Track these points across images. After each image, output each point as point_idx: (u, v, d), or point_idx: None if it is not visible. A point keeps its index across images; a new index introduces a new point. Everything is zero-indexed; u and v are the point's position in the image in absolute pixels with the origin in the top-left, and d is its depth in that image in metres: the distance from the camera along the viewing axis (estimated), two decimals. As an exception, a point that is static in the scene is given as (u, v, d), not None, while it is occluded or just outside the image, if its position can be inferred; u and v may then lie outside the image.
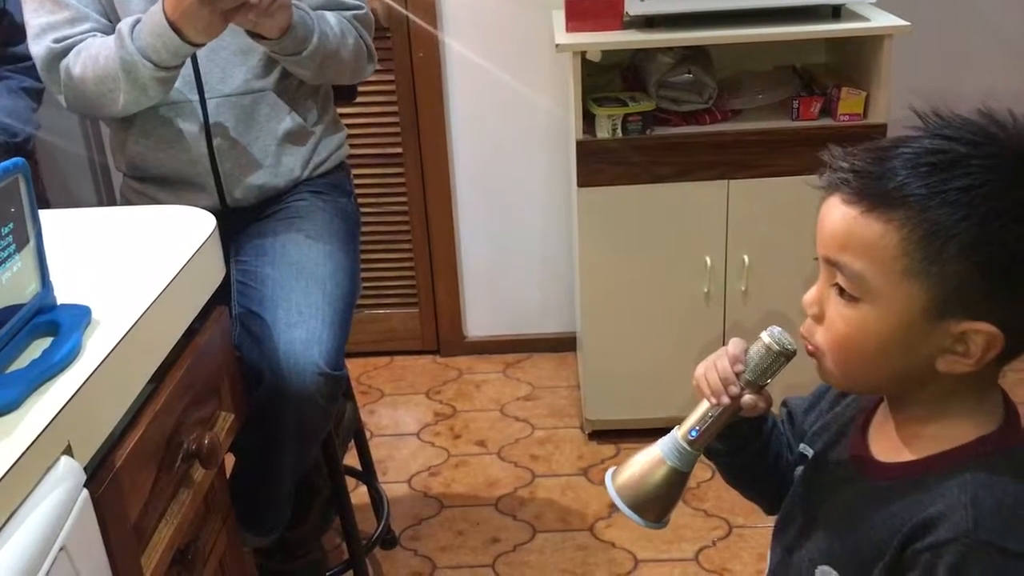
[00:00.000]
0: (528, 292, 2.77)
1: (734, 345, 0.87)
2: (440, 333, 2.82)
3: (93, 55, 1.45)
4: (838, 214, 0.76)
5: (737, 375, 0.86)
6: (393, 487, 2.24)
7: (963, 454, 0.77)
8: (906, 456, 0.80)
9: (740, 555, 1.99)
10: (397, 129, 2.60)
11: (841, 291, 0.77)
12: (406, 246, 2.73)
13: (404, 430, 2.49)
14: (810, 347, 0.81)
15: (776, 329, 0.85)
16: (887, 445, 0.83)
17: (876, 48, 2.05)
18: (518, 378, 2.69)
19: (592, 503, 2.17)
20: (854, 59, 2.18)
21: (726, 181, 2.13)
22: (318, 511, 1.72)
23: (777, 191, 2.12)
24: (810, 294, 0.81)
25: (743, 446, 0.93)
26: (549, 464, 2.32)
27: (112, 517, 0.91)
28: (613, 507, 2.15)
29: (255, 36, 1.45)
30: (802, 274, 2.23)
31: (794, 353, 0.85)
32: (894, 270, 0.73)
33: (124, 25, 1.43)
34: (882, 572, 0.77)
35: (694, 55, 2.18)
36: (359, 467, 2.02)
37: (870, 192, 0.74)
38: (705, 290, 2.20)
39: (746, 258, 2.17)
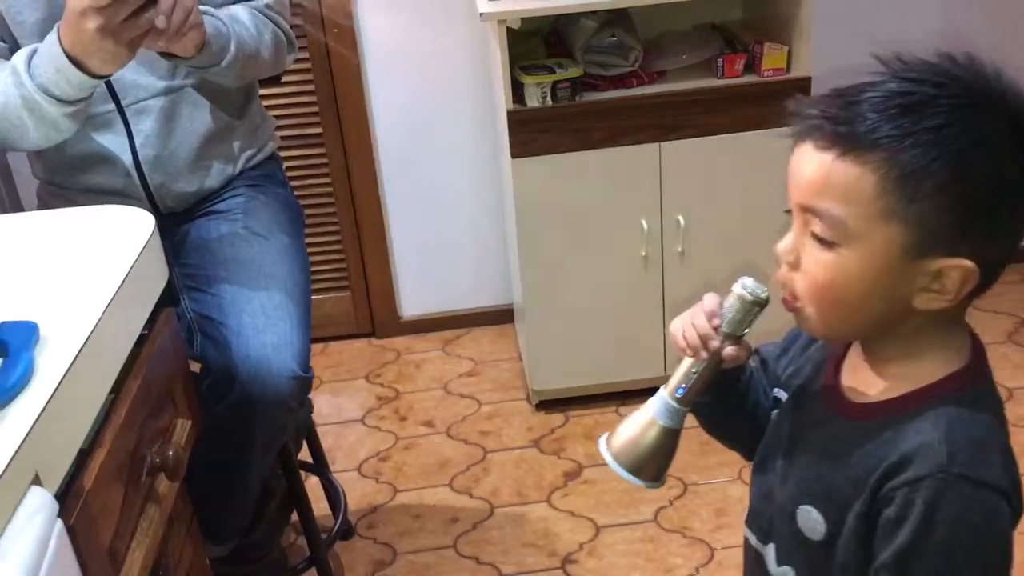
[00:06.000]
0: (461, 267, 2.73)
1: (709, 300, 0.88)
2: (374, 315, 2.76)
3: None
4: (813, 160, 0.76)
5: (715, 329, 0.87)
6: (343, 476, 2.20)
7: (934, 392, 0.79)
8: (879, 396, 0.83)
9: (698, 512, 2.01)
10: (315, 109, 2.52)
11: (819, 238, 0.77)
12: (333, 228, 2.66)
13: (348, 417, 2.44)
14: (788, 296, 0.82)
15: (748, 280, 0.86)
16: (860, 385, 0.85)
17: (795, 2, 2.07)
18: (458, 355, 2.67)
19: (547, 474, 2.17)
20: (772, 14, 2.20)
21: (657, 144, 2.13)
22: (273, 513, 1.66)
23: (707, 151, 2.14)
24: (785, 243, 0.81)
25: (724, 396, 0.94)
26: (500, 439, 2.30)
27: (87, 545, 0.86)
28: (569, 476, 2.16)
29: (168, 55, 1.32)
30: (735, 231, 2.27)
31: (767, 301, 0.86)
32: (873, 212, 0.74)
33: (19, 60, 1.28)
34: (861, 509, 0.79)
35: (617, 18, 2.16)
36: (309, 459, 1.97)
37: (843, 136, 0.74)
38: (643, 254, 2.20)
39: (681, 219, 2.18)
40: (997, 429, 0.79)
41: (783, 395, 0.94)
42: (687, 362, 0.89)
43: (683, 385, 0.89)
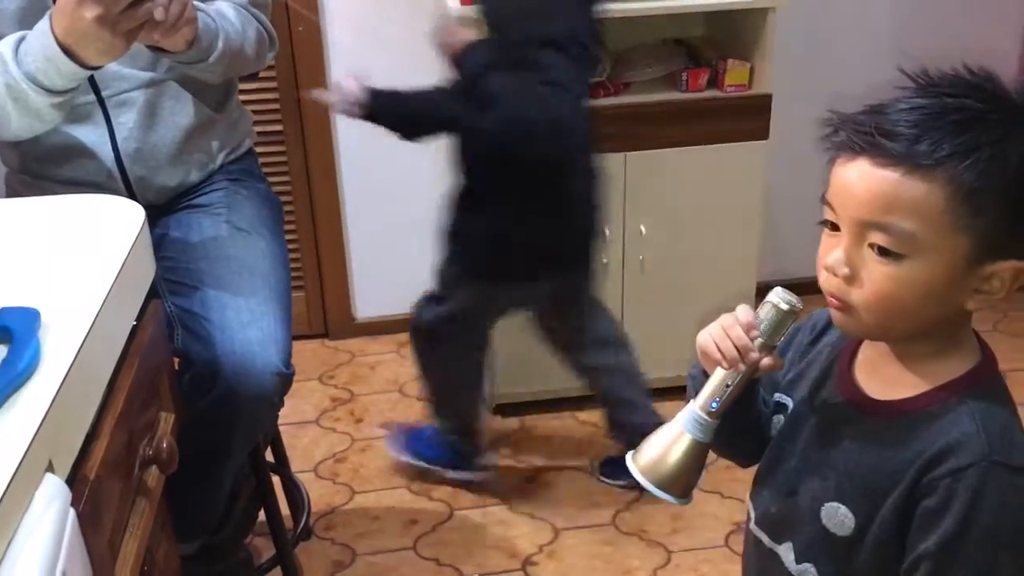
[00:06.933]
0: (418, 270, 2.71)
1: (744, 312, 0.89)
2: (328, 315, 2.74)
3: None
4: (875, 177, 0.79)
5: (751, 340, 0.88)
6: (299, 477, 2.17)
7: (963, 384, 0.84)
8: (904, 392, 0.86)
9: (654, 516, 2.05)
10: (277, 106, 2.50)
11: (884, 251, 0.80)
12: (290, 227, 2.62)
13: (302, 418, 2.41)
14: (838, 304, 0.84)
15: (781, 290, 0.88)
16: (886, 382, 0.88)
17: (760, 20, 2.13)
18: (413, 357, 2.66)
19: (506, 477, 2.18)
20: (736, 31, 2.26)
21: (623, 154, 2.16)
22: (240, 513, 1.64)
23: (670, 162, 2.19)
24: (836, 256, 0.82)
25: (739, 405, 0.94)
26: (457, 442, 2.31)
27: (93, 535, 0.84)
28: (527, 480, 2.18)
29: (157, 49, 1.30)
30: (696, 242, 2.30)
31: (801, 310, 0.88)
32: (942, 225, 0.77)
33: (5, 47, 1.25)
34: (897, 502, 0.83)
35: (585, 28, 2.19)
36: (269, 459, 1.94)
37: (907, 154, 0.77)
38: (604, 261, 2.23)
39: (643, 228, 2.22)
40: (1017, 416, 0.84)
41: (786, 399, 0.96)
42: (720, 374, 0.89)
43: (717, 398, 0.89)
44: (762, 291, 0.89)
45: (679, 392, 2.57)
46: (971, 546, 0.79)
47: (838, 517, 0.87)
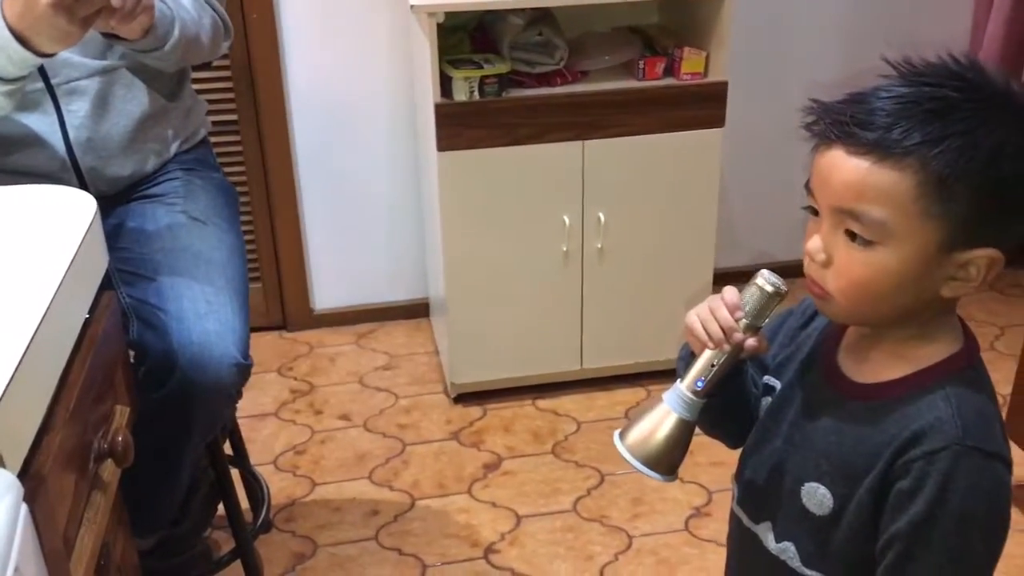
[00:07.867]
0: (376, 261, 2.72)
1: (730, 294, 0.90)
2: (286, 307, 2.72)
3: None
4: (848, 166, 0.80)
5: (736, 321, 0.90)
6: (259, 469, 2.15)
7: (941, 370, 0.85)
8: (887, 376, 0.87)
9: (616, 502, 2.06)
10: (231, 95, 2.47)
11: (854, 236, 0.81)
12: (246, 218, 2.60)
13: (261, 410, 2.40)
14: (817, 289, 0.86)
15: (767, 272, 0.90)
16: (868, 366, 0.89)
17: (715, 9, 2.15)
18: (373, 348, 2.65)
19: (467, 465, 2.18)
20: (690, 20, 2.28)
21: (580, 142, 2.17)
22: (198, 507, 1.63)
23: (628, 150, 2.19)
24: (815, 242, 0.84)
25: (727, 385, 0.96)
26: (418, 431, 2.30)
27: (46, 529, 0.83)
28: (489, 467, 2.18)
29: (112, 36, 1.27)
30: (653, 229, 2.32)
31: (787, 293, 0.89)
32: (912, 212, 0.78)
33: None
34: (872, 483, 0.84)
35: (542, 16, 2.20)
36: (228, 452, 1.93)
37: (878, 143, 0.78)
38: (564, 249, 2.24)
39: (601, 216, 2.23)
40: (995, 403, 0.86)
41: (775, 382, 0.98)
42: (708, 355, 0.91)
43: (703, 377, 0.91)
44: (719, 278, 0.90)
45: (637, 379, 2.61)
46: (942, 528, 0.80)
47: (817, 497, 0.89)
